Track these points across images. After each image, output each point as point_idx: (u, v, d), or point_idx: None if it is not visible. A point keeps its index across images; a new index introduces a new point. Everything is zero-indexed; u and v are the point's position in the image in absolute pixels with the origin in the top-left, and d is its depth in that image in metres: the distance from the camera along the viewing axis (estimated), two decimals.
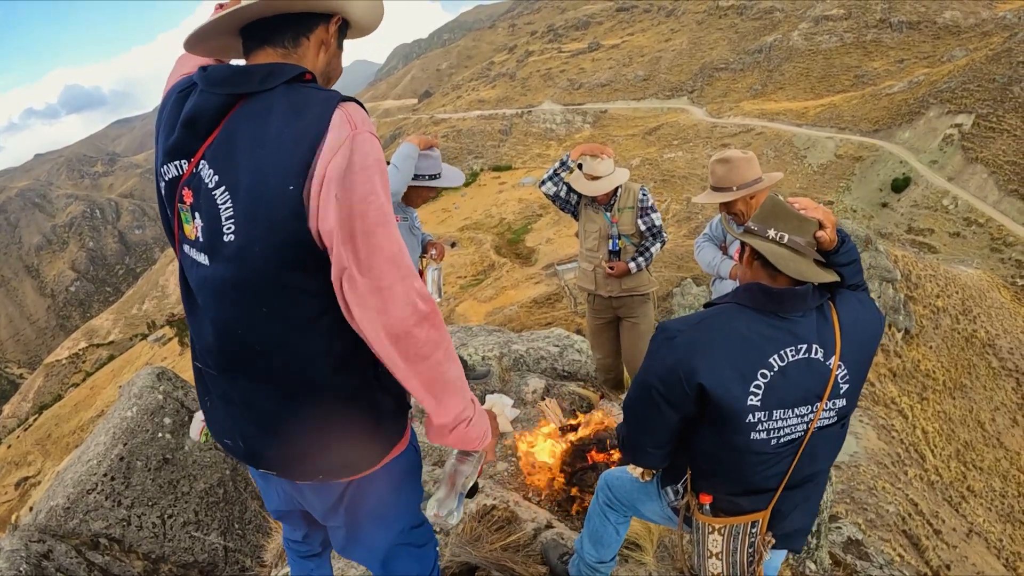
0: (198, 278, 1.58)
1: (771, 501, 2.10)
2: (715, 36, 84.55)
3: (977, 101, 44.71)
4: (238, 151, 1.45)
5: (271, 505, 2.09)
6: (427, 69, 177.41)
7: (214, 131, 1.49)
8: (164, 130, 1.60)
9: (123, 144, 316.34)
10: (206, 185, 1.48)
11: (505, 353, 5.62)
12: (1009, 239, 35.96)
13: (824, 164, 48.56)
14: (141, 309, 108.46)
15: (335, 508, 1.83)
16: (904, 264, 24.68)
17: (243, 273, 1.47)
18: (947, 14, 65.13)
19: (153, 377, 4.45)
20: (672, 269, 28.17)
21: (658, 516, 2.51)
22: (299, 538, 2.20)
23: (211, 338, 1.61)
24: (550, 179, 4.86)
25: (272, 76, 1.48)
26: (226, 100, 1.48)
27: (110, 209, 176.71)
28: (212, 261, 1.51)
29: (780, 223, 1.98)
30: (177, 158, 1.55)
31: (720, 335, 1.91)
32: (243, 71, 1.50)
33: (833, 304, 1.98)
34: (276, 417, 1.61)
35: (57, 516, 3.65)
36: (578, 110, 79.96)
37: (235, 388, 1.64)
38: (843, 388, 1.97)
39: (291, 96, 1.46)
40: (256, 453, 1.70)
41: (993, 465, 19.84)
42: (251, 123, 1.45)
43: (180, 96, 1.58)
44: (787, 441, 1.97)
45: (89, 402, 67.75)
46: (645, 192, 4.85)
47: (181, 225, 1.60)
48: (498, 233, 53.92)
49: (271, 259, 1.44)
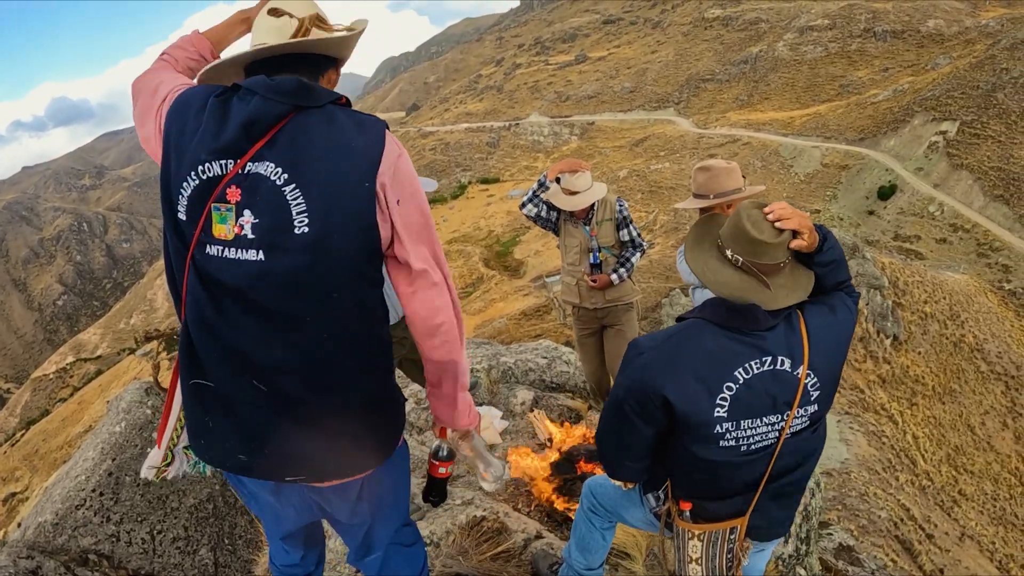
0: (244, 275, 1.63)
1: (749, 506, 2.14)
2: (701, 47, 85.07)
3: (961, 108, 45.06)
4: (311, 153, 1.63)
5: (286, 526, 2.09)
6: (415, 82, 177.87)
7: (266, 135, 1.63)
8: (205, 131, 1.66)
9: (111, 157, 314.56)
10: (271, 182, 1.61)
11: (494, 365, 5.63)
12: (995, 244, 36.20)
13: (811, 173, 48.80)
14: (129, 323, 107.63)
15: (357, 506, 1.93)
16: (891, 271, 24.82)
17: (318, 261, 1.62)
18: (931, 22, 65.78)
19: (141, 392, 4.42)
20: (660, 280, 28.21)
21: (641, 522, 2.54)
22: (297, 560, 2.21)
23: (256, 338, 1.66)
24: (530, 201, 4.93)
25: (325, 96, 1.70)
26: (287, 109, 1.64)
27: (98, 222, 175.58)
28: (271, 255, 1.62)
29: (737, 245, 1.98)
30: (225, 157, 1.63)
31: (686, 351, 1.96)
32: (309, 86, 1.69)
33: (801, 313, 2.00)
34: (315, 418, 1.70)
35: (46, 532, 3.63)
36: (565, 122, 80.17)
37: (272, 393, 1.68)
38: (814, 395, 2.01)
39: (350, 115, 1.71)
40: (279, 464, 1.75)
41: (984, 468, 19.92)
42: (318, 131, 1.65)
43: (219, 101, 1.67)
44: (758, 448, 2.02)
45: (77, 417, 67.04)
46: (622, 203, 4.91)
47: (208, 226, 1.64)
48: (486, 245, 53.92)
49: (347, 248, 1.65)
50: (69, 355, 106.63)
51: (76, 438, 56.58)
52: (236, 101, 1.65)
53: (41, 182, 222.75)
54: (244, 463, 1.76)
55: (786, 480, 2.13)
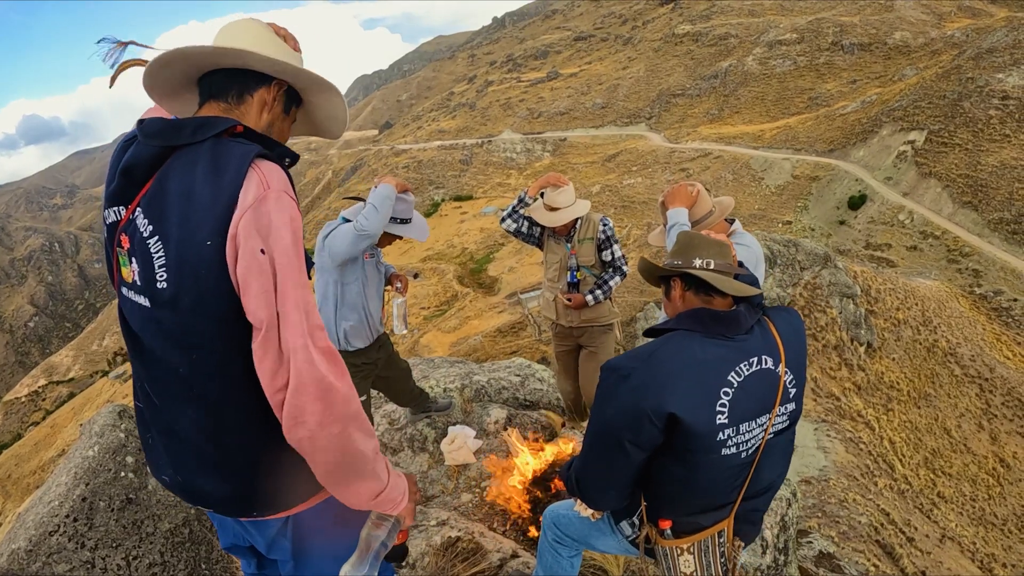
0: (140, 320, 1.62)
1: (731, 510, 2.16)
2: (672, 63, 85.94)
3: (929, 118, 45.84)
4: (169, 203, 1.51)
5: (225, 541, 2.07)
6: (387, 100, 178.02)
7: (149, 180, 1.56)
8: (108, 176, 1.67)
9: (83, 176, 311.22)
10: (141, 233, 1.54)
11: (467, 384, 5.62)
12: (965, 250, 36.79)
13: (781, 185, 49.36)
14: (101, 345, 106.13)
15: (277, 542, 1.84)
16: (863, 279, 25.09)
17: (176, 319, 1.53)
18: (897, 35, 67.02)
19: (115, 415, 4.37)
20: (635, 294, 28.32)
21: (615, 549, 2.51)
22: (254, 570, 2.19)
23: (156, 374, 1.65)
24: (509, 216, 4.88)
25: (202, 129, 1.54)
26: (160, 151, 1.55)
27: (69, 243, 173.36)
28: (152, 305, 1.57)
29: (703, 251, 2.10)
30: (116, 204, 1.62)
31: (678, 363, 1.95)
32: (175, 124, 1.56)
33: (768, 318, 2.09)
34: (212, 455, 1.64)
35: (19, 559, 3.56)
36: (538, 139, 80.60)
37: (176, 424, 1.66)
38: (792, 392, 2.08)
39: (216, 150, 1.52)
40: (194, 489, 1.73)
41: (962, 470, 20.11)
42: (180, 176, 1.51)
43: (124, 145, 1.65)
44: (753, 450, 2.05)
45: (50, 441, 65.94)
46: (607, 223, 4.81)
47: (119, 268, 1.65)
48: (460, 263, 53.90)
49: (199, 308, 1.50)
50: (41, 378, 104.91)
51: (49, 463, 55.65)
52: (132, 145, 1.61)
53: (12, 201, 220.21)
54: (167, 482, 1.79)
55: (765, 479, 2.17)
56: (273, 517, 1.78)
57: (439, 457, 4.66)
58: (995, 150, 41.30)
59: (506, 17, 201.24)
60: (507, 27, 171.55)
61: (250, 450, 1.64)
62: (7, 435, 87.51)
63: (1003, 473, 20.62)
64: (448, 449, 4.56)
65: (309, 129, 1.96)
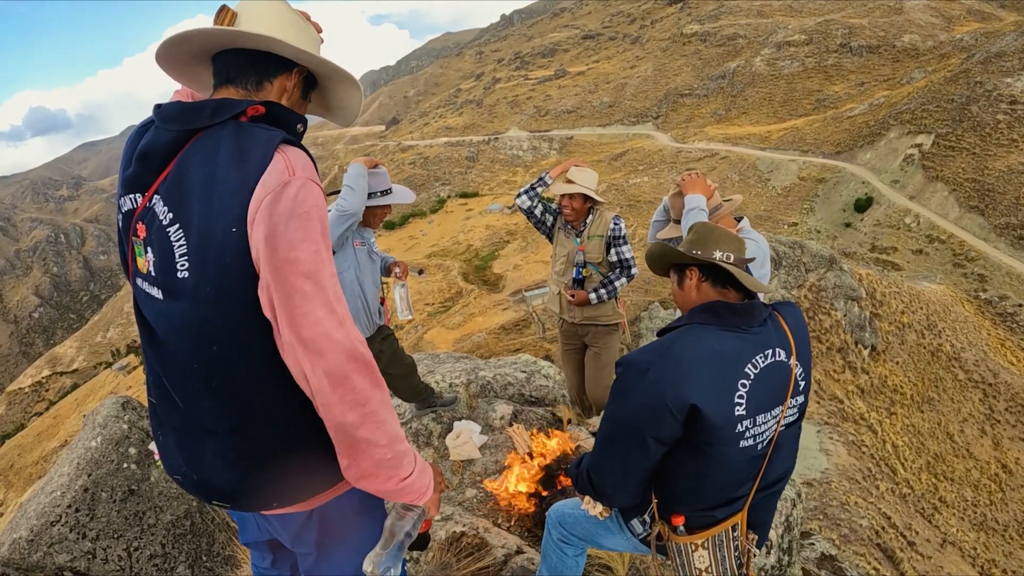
0: (154, 312, 1.57)
1: (745, 504, 2.15)
2: (679, 63, 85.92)
3: (936, 121, 45.79)
4: (190, 189, 1.46)
5: (248, 536, 2.05)
6: (395, 96, 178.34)
7: (167, 166, 1.51)
8: (123, 163, 1.63)
9: (89, 168, 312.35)
10: (160, 222, 1.49)
11: (472, 380, 5.60)
12: (971, 254, 36.75)
13: (788, 186, 49.33)
14: (106, 337, 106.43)
15: (300, 535, 1.82)
16: (868, 282, 25.04)
17: (198, 310, 1.47)
18: (906, 37, 66.92)
19: (118, 406, 4.37)
20: (640, 293, 28.29)
21: (624, 547, 2.49)
22: (268, 565, 2.18)
23: (173, 369, 1.59)
24: (526, 192, 4.82)
25: (221, 110, 1.50)
26: (178, 136, 1.50)
27: (75, 234, 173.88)
28: (166, 296, 1.52)
29: (723, 244, 2.10)
30: (132, 191, 1.58)
31: (695, 356, 1.94)
32: (193, 107, 1.52)
33: (777, 312, 2.12)
34: (233, 448, 1.60)
35: (21, 549, 3.56)
36: (544, 136, 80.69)
37: (195, 419, 1.61)
38: (801, 385, 2.09)
39: (239, 135, 1.48)
40: (212, 487, 1.68)
41: (964, 475, 20.08)
42: (202, 161, 1.47)
43: (140, 130, 1.61)
44: (767, 442, 2.06)
45: (52, 432, 66.13)
46: (618, 222, 4.75)
47: (135, 258, 1.61)
48: (465, 260, 53.95)
49: (223, 298, 1.46)
50: (45, 368, 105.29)
51: (52, 453, 55.82)
52: (149, 131, 1.57)
53: (18, 192, 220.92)
54: (181, 481, 1.74)
55: (777, 472, 2.17)
56: (295, 510, 1.75)
57: (444, 452, 4.64)
58: (1002, 155, 41.25)
59: (514, 15, 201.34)
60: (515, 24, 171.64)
61: (272, 441, 1.60)
62: (10, 425, 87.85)
63: (1005, 479, 20.58)
64: (453, 444, 4.54)
65: (321, 111, 1.93)
